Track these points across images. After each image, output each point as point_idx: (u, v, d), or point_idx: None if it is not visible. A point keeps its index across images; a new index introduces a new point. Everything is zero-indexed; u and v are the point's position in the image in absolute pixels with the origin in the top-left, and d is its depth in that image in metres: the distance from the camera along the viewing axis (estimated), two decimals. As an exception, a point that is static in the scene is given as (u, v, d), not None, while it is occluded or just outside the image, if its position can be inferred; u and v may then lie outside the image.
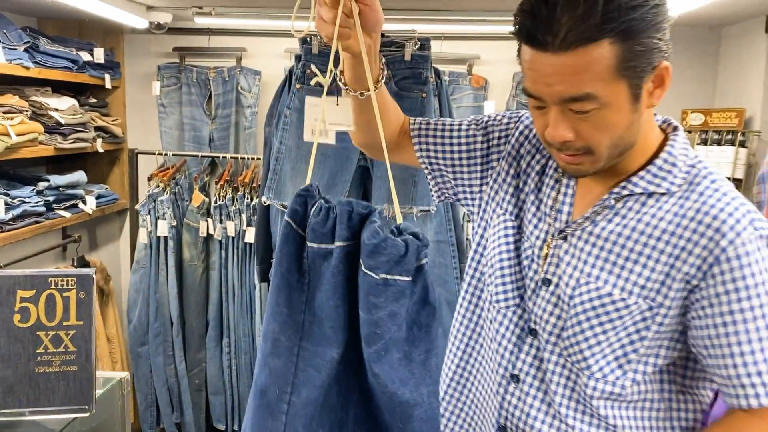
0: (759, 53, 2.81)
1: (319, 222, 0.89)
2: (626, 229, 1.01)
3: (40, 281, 1.51)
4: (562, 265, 1.05)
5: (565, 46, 0.88)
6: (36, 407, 1.51)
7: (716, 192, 0.98)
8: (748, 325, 0.94)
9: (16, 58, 2.56)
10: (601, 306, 1.00)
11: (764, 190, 2.18)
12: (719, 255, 0.94)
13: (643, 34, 0.90)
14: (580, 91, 0.90)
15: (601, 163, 0.98)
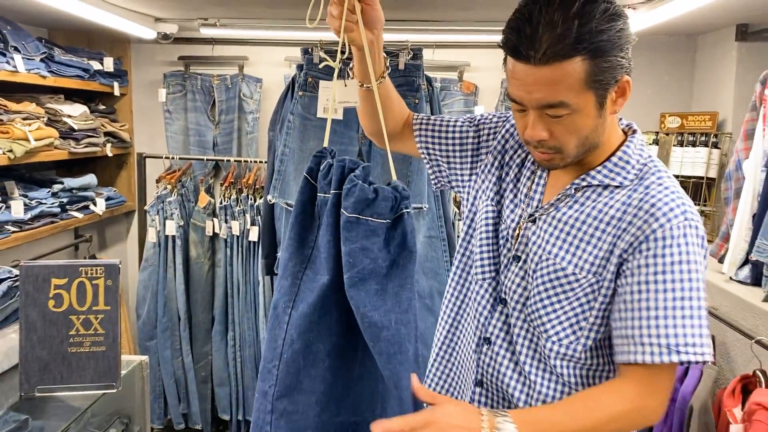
0: (730, 60, 3.00)
1: (323, 175, 1.13)
2: (582, 215, 1.17)
3: (72, 270, 1.67)
4: (529, 244, 1.22)
5: (544, 61, 1.03)
6: (69, 384, 1.67)
7: (660, 186, 1.13)
8: (658, 295, 1.07)
9: (34, 68, 2.72)
10: (557, 279, 1.17)
11: (730, 187, 2.35)
12: (649, 234, 1.09)
13: (609, 54, 1.05)
14: (555, 99, 1.06)
15: (569, 159, 1.15)
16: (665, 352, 1.06)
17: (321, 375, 1.15)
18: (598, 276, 1.14)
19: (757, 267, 2.10)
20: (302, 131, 2.40)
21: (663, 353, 1.06)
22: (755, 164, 2.15)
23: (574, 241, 1.16)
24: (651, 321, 1.07)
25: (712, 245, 2.45)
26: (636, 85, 3.64)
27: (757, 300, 1.98)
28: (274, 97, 3.26)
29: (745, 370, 1.91)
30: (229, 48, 3.48)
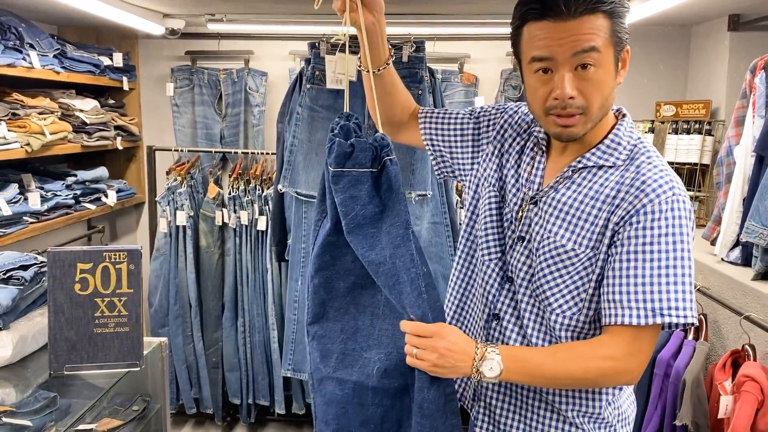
0: (723, 49, 3.08)
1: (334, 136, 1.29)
2: (579, 195, 1.26)
3: (97, 255, 1.76)
4: (532, 225, 1.31)
5: (575, 14, 1.14)
6: (95, 362, 1.76)
7: (650, 165, 1.23)
8: (645, 264, 1.16)
9: (49, 64, 2.81)
10: (558, 256, 1.26)
11: (722, 172, 2.44)
12: (639, 208, 1.18)
13: (620, 19, 1.18)
14: (589, 44, 1.15)
15: (590, 124, 1.22)
16: (650, 315, 1.15)
17: (344, 307, 1.34)
18: (595, 250, 1.23)
19: (747, 248, 2.19)
20: (310, 122, 2.48)
21: (648, 316, 1.15)
22: (745, 150, 2.24)
23: (573, 219, 1.25)
24: (638, 287, 1.16)
25: (705, 228, 2.54)
26: (632, 74, 3.74)
27: (747, 279, 2.07)
28: (280, 90, 3.35)
29: (735, 345, 2.01)
30: (234, 42, 3.56)
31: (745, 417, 1.70)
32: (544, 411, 1.35)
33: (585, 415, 1.33)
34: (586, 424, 1.33)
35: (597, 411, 1.32)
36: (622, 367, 1.18)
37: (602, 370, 1.18)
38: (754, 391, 1.73)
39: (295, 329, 2.59)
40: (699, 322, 2.20)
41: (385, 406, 1.30)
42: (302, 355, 2.62)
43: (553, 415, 1.34)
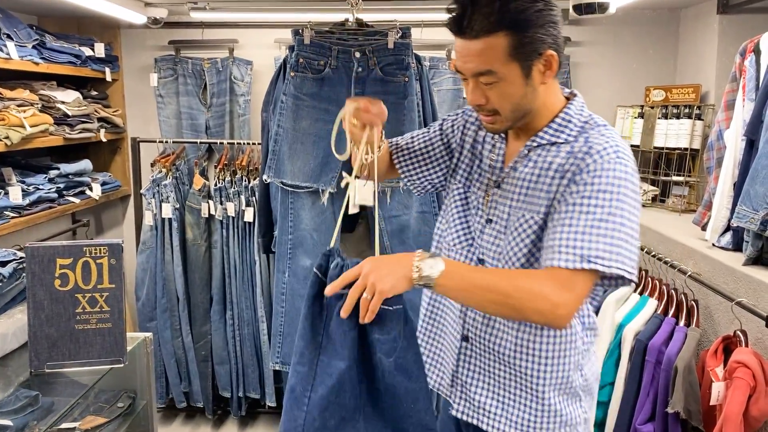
0: (712, 33, 3.06)
1: (336, 274, 1.23)
2: (536, 170, 1.35)
3: (77, 250, 1.73)
4: (498, 206, 1.40)
5: (474, 35, 1.22)
6: (77, 360, 1.73)
7: (599, 135, 1.31)
8: (581, 215, 1.23)
9: (27, 55, 2.75)
10: (521, 227, 1.35)
11: (712, 156, 2.42)
12: (583, 167, 1.27)
13: (530, 30, 1.22)
14: (484, 68, 1.25)
15: (509, 122, 1.33)
16: (578, 260, 1.20)
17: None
18: (549, 213, 1.32)
19: (738, 233, 2.17)
20: (295, 111, 2.44)
21: (576, 261, 1.21)
22: (735, 134, 2.22)
23: (533, 192, 1.35)
24: (571, 235, 1.23)
25: (696, 213, 2.53)
26: (621, 59, 3.71)
27: (738, 264, 2.05)
28: (265, 79, 3.29)
29: (727, 331, 2.00)
30: (218, 31, 3.50)
31: (737, 403, 1.68)
32: (515, 388, 1.43)
33: (553, 386, 1.40)
34: (555, 397, 1.40)
35: (565, 377, 1.40)
36: (551, 297, 1.20)
37: (534, 295, 1.20)
38: (746, 378, 1.72)
39: (283, 321, 2.57)
40: (690, 308, 2.19)
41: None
42: (291, 348, 2.59)
43: (523, 392, 1.42)
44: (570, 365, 1.40)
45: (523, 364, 1.40)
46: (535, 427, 1.42)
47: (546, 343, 1.39)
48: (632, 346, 2.18)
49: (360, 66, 2.45)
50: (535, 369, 1.39)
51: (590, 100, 1.45)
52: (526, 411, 1.42)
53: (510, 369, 1.42)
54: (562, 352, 1.39)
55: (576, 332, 1.40)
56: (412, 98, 2.45)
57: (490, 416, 1.45)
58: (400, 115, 2.45)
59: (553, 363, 1.39)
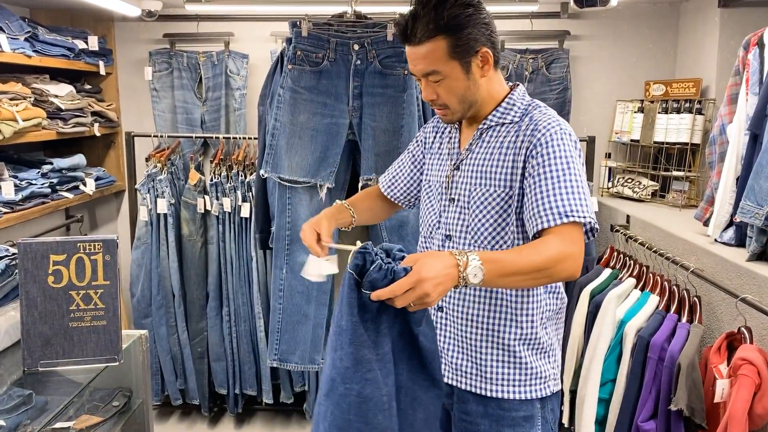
0: (713, 26, 3.03)
1: (381, 277, 1.22)
2: (489, 148, 1.57)
3: (70, 246, 1.69)
4: (458, 186, 1.60)
5: (418, 42, 1.45)
6: (71, 358, 1.69)
7: (540, 114, 1.53)
8: (548, 182, 1.43)
9: (19, 48, 2.70)
10: (485, 199, 1.55)
11: (715, 151, 2.39)
12: (536, 143, 1.48)
13: (464, 31, 1.44)
14: (429, 69, 1.47)
15: (459, 113, 1.56)
16: (558, 217, 1.41)
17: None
18: (509, 188, 1.52)
19: (741, 228, 2.15)
20: (292, 105, 2.40)
21: (558, 218, 1.41)
22: (739, 128, 2.19)
23: (489, 168, 1.55)
24: (545, 199, 1.43)
25: (698, 209, 2.50)
26: (620, 53, 3.67)
27: (742, 260, 2.03)
28: (261, 73, 3.25)
29: (730, 328, 1.98)
30: (214, 24, 3.46)
31: (742, 401, 1.66)
32: (488, 348, 1.58)
33: (524, 341, 1.57)
34: (525, 351, 1.57)
35: (534, 333, 1.57)
36: (566, 252, 1.37)
37: (553, 255, 1.36)
38: (751, 375, 1.69)
39: (281, 318, 2.53)
40: (693, 305, 2.17)
41: None
42: (288, 345, 2.56)
43: (496, 350, 1.58)
44: (536, 322, 1.58)
45: (495, 324, 1.57)
46: (509, 380, 1.58)
47: (515, 304, 1.56)
48: (634, 343, 2.16)
49: (358, 59, 2.41)
50: (506, 327, 1.57)
51: (590, 94, 1.53)
52: (500, 366, 1.58)
53: (483, 331, 1.59)
54: (529, 311, 1.57)
55: (539, 294, 1.58)
56: (411, 91, 2.42)
57: (467, 377, 1.61)
58: (399, 108, 2.42)
59: (522, 320, 1.56)
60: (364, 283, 1.24)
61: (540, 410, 1.60)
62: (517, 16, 3.41)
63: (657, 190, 3.18)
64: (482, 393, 1.60)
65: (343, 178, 2.52)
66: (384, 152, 2.43)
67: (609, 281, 2.53)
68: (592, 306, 2.42)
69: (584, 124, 3.43)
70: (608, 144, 3.45)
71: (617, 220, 2.97)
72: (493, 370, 1.59)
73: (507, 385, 1.58)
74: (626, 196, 3.24)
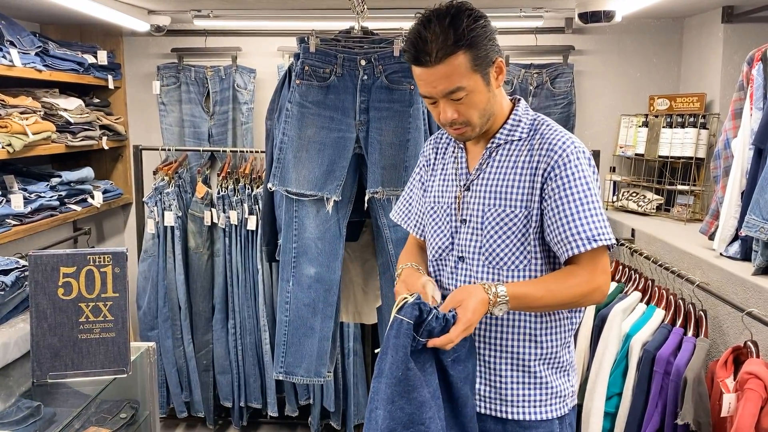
0: (717, 41, 3.05)
1: (439, 326, 1.35)
2: (502, 168, 1.55)
3: (80, 259, 1.70)
4: (470, 207, 1.57)
5: (437, 61, 1.40)
6: (80, 370, 1.70)
7: (550, 131, 1.53)
8: (571, 204, 1.45)
9: (30, 62, 2.74)
10: (501, 220, 1.53)
11: (719, 165, 2.40)
12: (553, 164, 1.48)
13: (481, 44, 1.42)
14: (453, 86, 1.43)
15: (478, 128, 1.51)
16: (588, 242, 1.43)
17: None
18: (529, 208, 1.51)
19: (746, 242, 2.16)
20: (300, 119, 2.42)
21: (587, 243, 1.43)
22: (743, 142, 2.20)
23: (503, 188, 1.53)
24: (571, 224, 1.44)
25: (703, 223, 2.51)
26: (625, 68, 3.69)
27: (747, 274, 2.04)
28: (268, 87, 3.28)
29: (737, 341, 1.98)
30: (222, 39, 3.50)
31: (749, 415, 1.66)
32: (508, 370, 1.55)
33: (545, 362, 1.56)
34: (545, 371, 1.56)
35: (555, 353, 1.56)
36: (595, 284, 1.44)
37: (582, 290, 1.44)
38: (758, 389, 1.69)
39: (287, 331, 2.54)
40: (699, 319, 2.17)
41: None
42: (294, 358, 2.56)
43: (516, 372, 1.55)
44: (557, 341, 1.56)
45: (516, 346, 1.55)
46: (529, 401, 1.56)
47: (538, 324, 1.54)
48: (640, 357, 2.16)
49: (365, 74, 2.43)
50: (528, 349, 1.55)
51: (594, 109, 1.55)
52: (519, 387, 1.56)
53: (503, 353, 1.56)
54: (551, 331, 1.55)
55: (563, 314, 1.56)
56: (417, 106, 2.44)
57: (485, 400, 1.58)
58: (406, 123, 2.43)
59: (542, 340, 1.55)
60: (422, 332, 1.34)
61: (558, 427, 1.59)
62: (522, 32, 3.44)
63: (662, 204, 3.19)
64: (501, 416, 1.57)
65: (349, 192, 2.53)
66: (390, 165, 2.45)
67: (614, 295, 2.53)
68: (597, 319, 2.42)
69: (589, 139, 3.45)
70: (613, 158, 3.46)
71: (622, 233, 2.97)
72: (512, 392, 1.56)
73: (527, 406, 1.55)
74: (631, 210, 3.25)
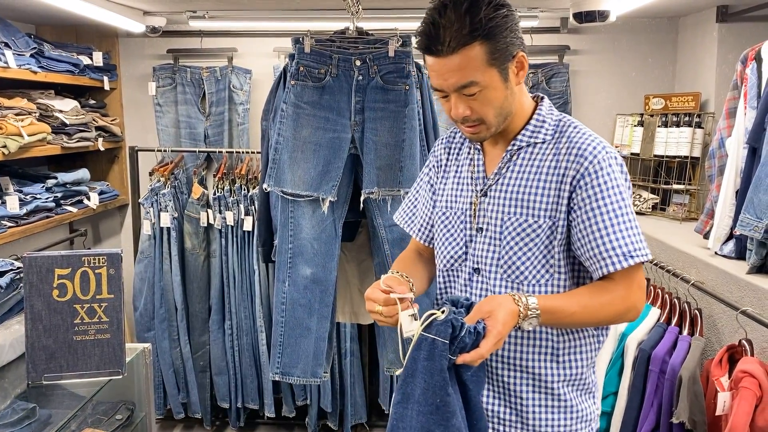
0: (711, 41, 3.06)
1: (472, 340, 1.23)
2: (524, 173, 1.40)
3: (75, 260, 1.71)
4: (488, 214, 1.42)
5: (450, 51, 1.26)
6: (75, 371, 1.70)
7: (579, 134, 1.37)
8: (604, 216, 1.31)
9: (25, 64, 2.73)
10: (522, 231, 1.38)
11: (714, 164, 2.41)
12: (583, 172, 1.33)
13: (500, 35, 1.28)
14: (466, 80, 1.28)
15: (493, 128, 1.37)
16: (624, 259, 1.30)
17: None
18: (554, 218, 1.36)
19: (741, 241, 2.16)
20: (295, 120, 2.42)
21: (621, 261, 1.30)
22: (737, 141, 2.21)
23: (525, 195, 1.38)
24: (605, 238, 1.31)
25: (698, 222, 2.52)
26: (620, 67, 3.69)
27: (742, 273, 2.04)
28: (264, 87, 3.29)
29: (731, 340, 1.98)
30: (217, 40, 3.50)
31: (743, 414, 1.67)
32: (531, 392, 1.42)
33: (570, 384, 1.43)
34: (571, 393, 1.43)
35: (580, 374, 1.43)
36: (630, 302, 1.33)
37: (617, 309, 1.33)
38: (752, 387, 1.70)
39: (283, 332, 2.54)
40: (694, 318, 2.18)
41: None
42: (290, 358, 2.56)
43: (540, 394, 1.42)
44: (583, 361, 1.44)
45: (539, 366, 1.42)
46: (553, 425, 1.43)
47: (562, 343, 1.41)
48: (635, 356, 2.16)
49: (360, 74, 2.44)
50: (552, 369, 1.41)
51: (590, 108, 1.49)
52: (543, 411, 1.43)
53: (524, 374, 1.42)
54: (577, 350, 1.43)
55: (590, 331, 1.44)
56: (412, 106, 2.44)
57: (506, 424, 1.46)
58: (401, 123, 2.44)
59: (569, 363, 1.42)
60: (454, 350, 1.23)
61: None
62: (518, 31, 3.44)
63: (657, 203, 3.19)
64: None
65: (345, 192, 2.53)
66: (386, 166, 2.45)
67: (610, 294, 2.54)
68: (593, 319, 2.43)
69: (585, 138, 3.45)
70: (609, 157, 3.46)
71: (618, 233, 2.97)
72: (535, 416, 1.43)
73: (551, 430, 1.43)
74: (627, 209, 3.25)
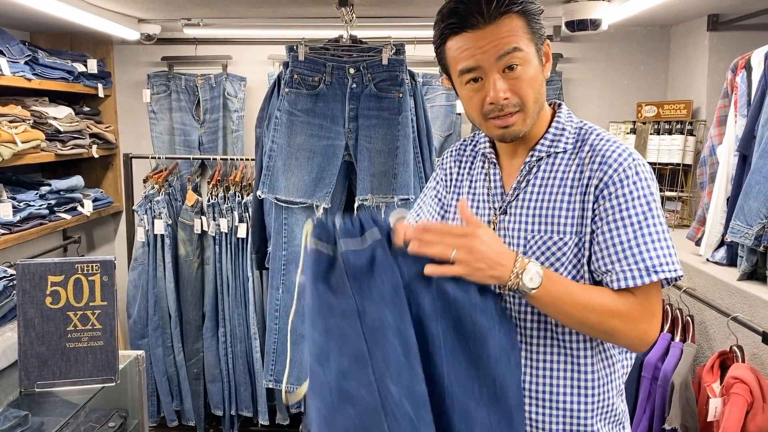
0: (703, 49, 3.09)
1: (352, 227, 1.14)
2: (546, 187, 1.28)
3: (68, 267, 1.71)
4: (508, 233, 1.30)
5: (490, 20, 1.19)
6: (68, 378, 1.70)
7: (602, 141, 1.26)
8: (627, 228, 1.19)
9: (19, 71, 2.73)
10: (547, 250, 1.26)
11: (705, 172, 2.43)
12: (607, 180, 1.22)
13: (534, 16, 1.23)
14: (510, 45, 1.19)
15: (529, 120, 1.25)
16: (645, 274, 1.17)
17: None
18: (580, 234, 1.25)
19: (732, 248, 2.18)
20: (289, 127, 2.44)
21: (644, 276, 1.17)
22: (728, 149, 2.23)
23: (549, 211, 1.27)
24: (627, 251, 1.19)
25: (690, 228, 2.53)
26: (612, 75, 3.71)
27: (733, 279, 2.06)
28: (259, 95, 3.29)
29: (723, 346, 1.99)
30: (212, 48, 3.51)
31: (734, 420, 1.68)
32: (551, 422, 1.29)
33: (600, 416, 1.29)
34: (602, 428, 1.29)
35: (610, 404, 1.30)
36: (643, 324, 1.19)
37: (623, 315, 1.18)
38: (743, 393, 1.71)
39: (276, 339, 2.54)
40: (686, 324, 2.19)
41: None
42: (284, 366, 2.56)
43: (562, 426, 1.29)
44: (613, 391, 1.31)
45: (570, 401, 1.29)
46: None
47: (590, 374, 1.29)
48: (628, 362, 2.17)
49: (354, 82, 2.45)
50: (584, 405, 1.29)
51: (582, 116, 1.40)
52: None
53: (555, 410, 1.29)
54: (606, 379, 1.30)
55: (614, 357, 1.32)
56: (406, 114, 2.46)
57: None
58: (395, 130, 2.45)
59: (599, 393, 1.29)
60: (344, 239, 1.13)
61: None
62: (511, 40, 3.46)
63: (650, 210, 3.20)
64: None
65: (339, 199, 2.55)
66: (380, 173, 2.46)
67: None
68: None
69: (578, 145, 3.47)
70: (602, 165, 3.48)
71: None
72: None
73: None
74: (620, 216, 3.27)
